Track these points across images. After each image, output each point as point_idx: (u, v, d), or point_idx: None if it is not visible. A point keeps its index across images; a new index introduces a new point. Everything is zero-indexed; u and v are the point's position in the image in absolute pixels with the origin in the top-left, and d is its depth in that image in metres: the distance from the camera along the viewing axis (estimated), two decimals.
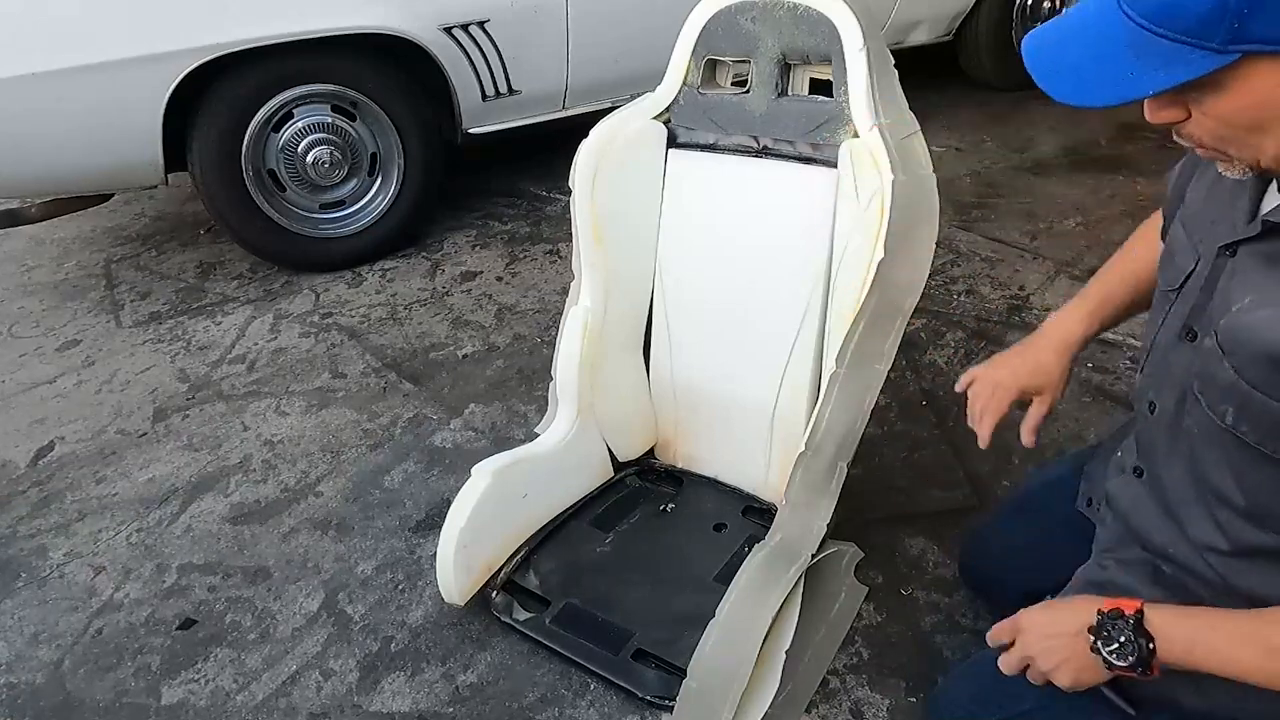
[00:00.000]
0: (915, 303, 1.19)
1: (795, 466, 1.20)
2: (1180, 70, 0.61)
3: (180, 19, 2.00)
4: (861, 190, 1.16)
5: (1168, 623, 0.77)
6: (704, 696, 1.07)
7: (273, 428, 1.83)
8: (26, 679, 1.29)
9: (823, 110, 1.23)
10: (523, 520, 1.40)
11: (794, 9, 1.22)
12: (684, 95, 1.37)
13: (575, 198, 1.36)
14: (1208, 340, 0.77)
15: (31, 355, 2.15)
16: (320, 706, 1.23)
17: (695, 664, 1.07)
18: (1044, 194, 2.79)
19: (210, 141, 2.18)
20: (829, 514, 1.19)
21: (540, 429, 1.48)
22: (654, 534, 1.43)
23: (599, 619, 1.27)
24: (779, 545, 1.17)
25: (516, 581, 1.35)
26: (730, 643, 1.07)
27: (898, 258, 1.14)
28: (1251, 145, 0.67)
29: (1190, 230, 0.85)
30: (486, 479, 1.30)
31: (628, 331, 1.49)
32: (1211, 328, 0.77)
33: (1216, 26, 0.59)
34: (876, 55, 1.18)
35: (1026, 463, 1.64)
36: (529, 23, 2.41)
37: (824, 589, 1.28)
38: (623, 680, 1.20)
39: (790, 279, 1.30)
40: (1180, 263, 0.84)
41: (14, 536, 1.57)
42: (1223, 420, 0.76)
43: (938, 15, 3.45)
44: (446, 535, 1.27)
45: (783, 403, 1.36)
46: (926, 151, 1.20)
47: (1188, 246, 0.84)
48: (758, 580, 1.11)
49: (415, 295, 2.35)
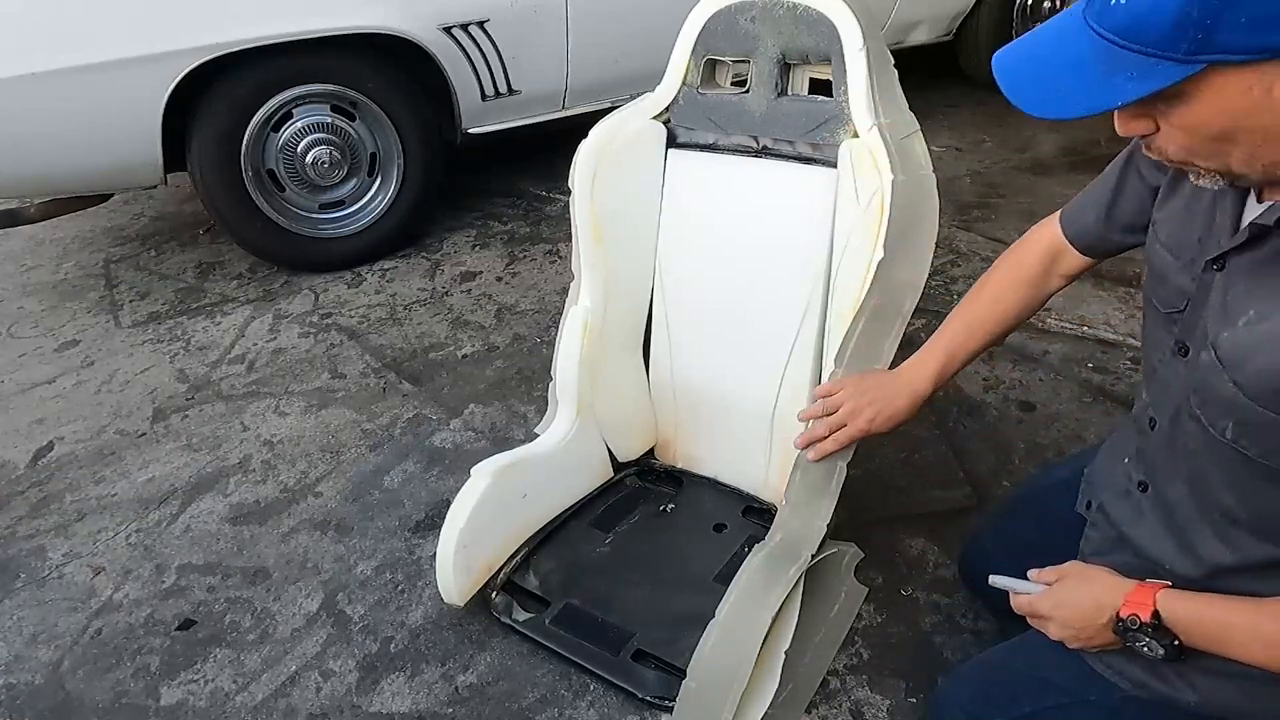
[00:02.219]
0: (915, 303, 1.19)
1: (795, 467, 1.20)
2: (1148, 82, 0.62)
3: (180, 19, 2.00)
4: (861, 190, 1.16)
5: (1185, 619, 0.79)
6: (704, 697, 1.06)
7: (272, 428, 1.83)
8: (26, 679, 1.29)
9: (822, 110, 1.23)
10: (522, 521, 1.39)
11: (793, 9, 1.22)
12: (684, 95, 1.37)
13: (575, 197, 1.36)
14: (1204, 355, 0.77)
15: (31, 355, 2.15)
16: (320, 707, 1.23)
17: (695, 664, 1.07)
18: (1044, 194, 2.80)
19: (210, 141, 2.18)
20: (829, 514, 1.19)
21: (540, 429, 1.48)
22: (654, 534, 1.43)
23: (599, 619, 1.27)
24: (779, 545, 1.17)
25: (516, 582, 1.35)
26: (730, 643, 1.07)
27: (897, 258, 1.14)
28: (1220, 155, 0.68)
29: (1177, 252, 0.85)
30: (486, 479, 1.29)
31: (627, 331, 1.49)
32: (1208, 342, 0.77)
33: (1181, 38, 0.60)
34: (876, 55, 1.18)
35: (1026, 463, 1.64)
36: (529, 23, 2.41)
37: (824, 589, 1.27)
38: (622, 681, 1.20)
39: (790, 279, 1.30)
40: (1177, 284, 0.85)
41: (13, 537, 1.56)
42: (1223, 435, 0.76)
43: (938, 15, 3.45)
44: (446, 536, 1.27)
45: (783, 403, 1.36)
46: (926, 151, 1.20)
47: (1179, 268, 0.84)
48: (758, 580, 1.11)
49: (415, 295, 2.35)
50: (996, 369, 1.93)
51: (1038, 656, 0.94)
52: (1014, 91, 0.69)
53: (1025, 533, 1.17)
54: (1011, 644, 1.02)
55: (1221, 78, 0.61)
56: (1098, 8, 0.65)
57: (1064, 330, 2.06)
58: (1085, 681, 0.90)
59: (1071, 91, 0.66)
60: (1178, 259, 0.85)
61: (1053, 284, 1.11)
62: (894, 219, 1.12)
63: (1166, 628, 0.80)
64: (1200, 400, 0.78)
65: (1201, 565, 0.84)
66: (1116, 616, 0.83)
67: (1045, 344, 2.01)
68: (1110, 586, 0.86)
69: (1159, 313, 0.88)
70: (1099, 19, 0.64)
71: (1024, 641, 0.98)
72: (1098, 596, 0.86)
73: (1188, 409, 0.80)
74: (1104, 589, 0.86)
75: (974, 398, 1.84)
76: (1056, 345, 2.01)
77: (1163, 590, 0.82)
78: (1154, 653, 0.81)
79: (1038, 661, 0.94)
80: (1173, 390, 0.84)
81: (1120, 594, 0.84)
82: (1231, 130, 0.65)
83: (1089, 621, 0.86)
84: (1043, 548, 0.99)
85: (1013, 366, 1.94)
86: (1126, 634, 0.82)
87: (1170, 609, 0.80)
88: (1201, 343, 0.78)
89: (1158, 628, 0.80)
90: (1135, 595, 0.83)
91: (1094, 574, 0.90)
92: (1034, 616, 0.93)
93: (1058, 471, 1.22)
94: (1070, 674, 0.91)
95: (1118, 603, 0.83)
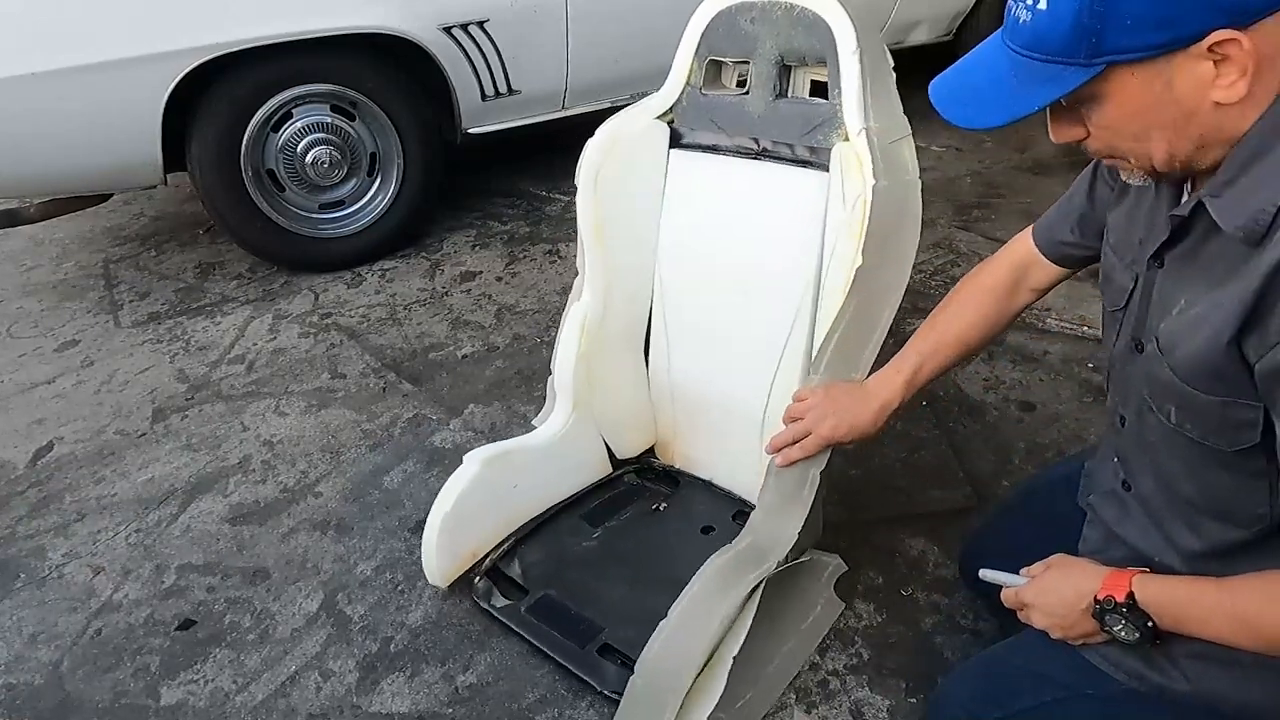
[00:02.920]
0: (895, 310, 1.17)
1: (768, 472, 1.20)
2: (1056, 87, 0.69)
3: (180, 19, 2.00)
4: (848, 195, 1.15)
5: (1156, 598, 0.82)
6: (648, 694, 1.07)
7: (272, 428, 1.83)
8: (25, 680, 1.29)
9: (818, 113, 1.22)
10: (512, 509, 1.41)
11: (791, 10, 1.21)
12: (687, 96, 1.36)
13: (579, 195, 1.36)
14: (1149, 346, 0.82)
15: (30, 355, 2.15)
16: (319, 707, 1.23)
17: (642, 661, 1.08)
18: (1044, 194, 2.79)
19: (209, 141, 2.18)
20: (801, 522, 1.18)
21: (537, 422, 1.49)
22: (642, 532, 1.43)
23: (572, 612, 1.28)
24: (745, 550, 1.16)
25: (501, 569, 1.37)
26: (678, 643, 1.07)
27: (877, 264, 1.12)
28: (1141, 150, 0.74)
29: (1120, 253, 0.90)
30: (476, 467, 1.32)
31: (628, 330, 1.49)
32: (1153, 334, 0.81)
33: (1078, 44, 0.67)
34: (871, 58, 1.17)
35: (1026, 463, 1.64)
36: (529, 22, 2.41)
37: (800, 599, 1.28)
38: (585, 673, 1.21)
39: (782, 284, 1.29)
40: (1120, 283, 0.90)
41: (13, 537, 1.56)
42: (1169, 420, 0.81)
43: (938, 15, 3.45)
44: (432, 519, 1.31)
45: (773, 408, 1.35)
46: (914, 157, 1.18)
47: (1122, 268, 0.90)
48: (715, 583, 1.10)
49: (415, 295, 2.35)
50: (996, 369, 1.93)
51: (1034, 652, 0.95)
52: (945, 108, 0.78)
53: (1025, 532, 1.17)
54: (1009, 641, 1.03)
55: (1124, 77, 0.68)
56: (1010, 28, 0.73)
57: (1064, 330, 2.06)
58: (1082, 675, 0.91)
59: (993, 101, 0.74)
60: (1121, 259, 0.90)
61: (1021, 298, 1.13)
62: (874, 225, 1.10)
63: (1141, 609, 0.82)
64: (1150, 391, 0.83)
65: (1180, 556, 0.87)
66: (1095, 601, 0.85)
67: (1045, 344, 2.01)
68: (1090, 574, 0.89)
69: (1108, 312, 0.94)
70: (1012, 37, 0.73)
71: (1021, 638, 0.99)
72: (1077, 583, 0.89)
73: (1146, 402, 0.84)
74: (1084, 576, 0.89)
75: (974, 398, 1.84)
76: (1056, 345, 2.01)
77: (1139, 574, 0.84)
78: (1130, 635, 0.83)
79: (1034, 656, 0.95)
80: (1133, 386, 0.88)
81: (1099, 579, 0.86)
82: (1145, 126, 0.71)
83: (1070, 608, 0.88)
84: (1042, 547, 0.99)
85: (1013, 366, 1.94)
86: (1104, 616, 0.84)
87: (1144, 590, 0.83)
88: (1150, 336, 0.83)
89: (1132, 608, 0.82)
90: (1111, 579, 0.85)
91: (1076, 563, 0.93)
92: (1019, 607, 0.96)
93: (1057, 470, 1.23)
94: (1067, 668, 0.92)
95: (1096, 587, 0.85)
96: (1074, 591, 0.88)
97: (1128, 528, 0.93)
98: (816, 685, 1.23)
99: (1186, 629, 0.81)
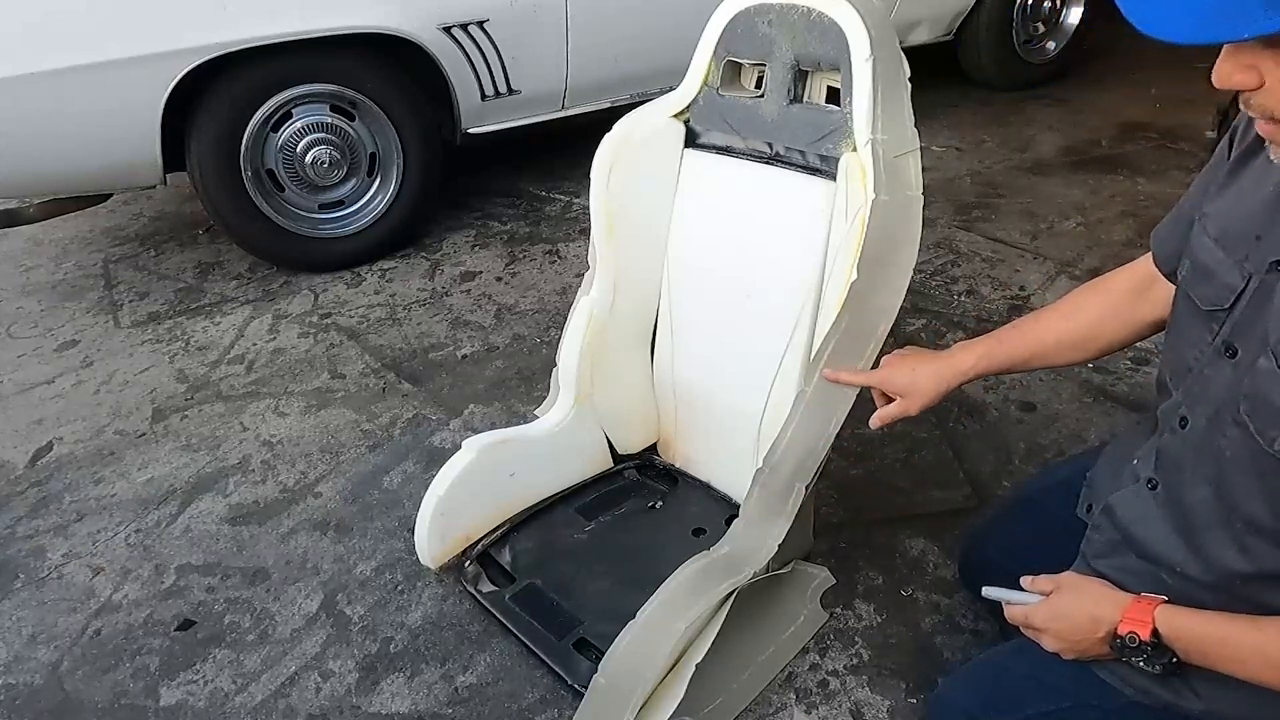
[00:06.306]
0: (889, 327, 1.15)
1: (752, 483, 1.19)
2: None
3: (180, 18, 2.00)
4: (850, 207, 1.13)
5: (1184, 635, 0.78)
6: (611, 695, 1.07)
7: (271, 428, 1.83)
8: (25, 680, 1.29)
9: (829, 120, 1.19)
10: (508, 497, 1.42)
11: (808, 13, 1.18)
12: (704, 96, 1.34)
13: (592, 188, 1.36)
14: (1263, 361, 0.73)
15: (30, 355, 2.15)
16: (319, 708, 1.23)
17: (606, 661, 1.08)
18: (1044, 194, 2.79)
19: (209, 141, 2.18)
20: (782, 534, 1.17)
21: (539, 412, 1.49)
22: (633, 529, 1.44)
23: (554, 603, 1.29)
24: (720, 559, 1.16)
25: (491, 554, 1.38)
26: (642, 645, 1.07)
27: (872, 280, 1.10)
28: None
29: (1228, 248, 0.81)
30: (472, 453, 1.34)
31: (635, 326, 1.49)
32: (1268, 349, 0.73)
33: None
34: (885, 66, 1.13)
35: (1026, 463, 1.64)
36: (528, 22, 2.41)
37: (783, 608, 1.28)
38: (559, 666, 1.21)
39: (784, 291, 1.28)
40: (1225, 280, 0.80)
41: (12, 537, 1.56)
42: (1270, 446, 0.73)
43: (938, 15, 3.45)
44: (426, 501, 1.33)
45: (769, 415, 1.34)
46: (919, 172, 1.15)
47: (1230, 265, 0.80)
48: (685, 589, 1.10)
49: (414, 295, 2.35)
50: None
51: (1039, 659, 0.93)
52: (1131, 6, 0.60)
53: (1024, 534, 1.17)
54: (1012, 646, 1.01)
55: None
56: None
57: None
58: (1087, 686, 0.89)
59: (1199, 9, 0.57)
60: (1229, 255, 0.80)
61: (1144, 311, 1.02)
62: (870, 240, 1.08)
63: (1165, 646, 0.79)
64: (1251, 407, 0.74)
65: (1212, 570, 0.81)
66: (1114, 634, 0.82)
67: None
68: (1107, 601, 0.85)
69: (1197, 309, 0.84)
70: None
71: (1024, 644, 0.97)
72: (1094, 611, 0.85)
73: (1232, 413, 0.77)
74: (1101, 604, 0.85)
75: (974, 398, 1.83)
76: None
77: (1160, 606, 0.81)
78: (1151, 668, 0.80)
79: (1039, 664, 0.93)
80: (1214, 392, 0.80)
81: (1118, 609, 0.83)
82: None
83: (1085, 635, 0.85)
84: (1042, 549, 0.98)
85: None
86: (1124, 651, 0.81)
87: (1169, 627, 0.79)
88: (1260, 348, 0.74)
89: (1156, 646, 0.79)
90: (1133, 611, 0.81)
91: (1089, 586, 0.89)
92: (1028, 628, 0.92)
93: (1058, 472, 1.22)
94: (1072, 678, 0.90)
95: (1115, 618, 0.82)
96: (1089, 619, 0.85)
97: (1147, 530, 0.88)
98: (816, 685, 1.23)
99: (1215, 667, 0.77)
